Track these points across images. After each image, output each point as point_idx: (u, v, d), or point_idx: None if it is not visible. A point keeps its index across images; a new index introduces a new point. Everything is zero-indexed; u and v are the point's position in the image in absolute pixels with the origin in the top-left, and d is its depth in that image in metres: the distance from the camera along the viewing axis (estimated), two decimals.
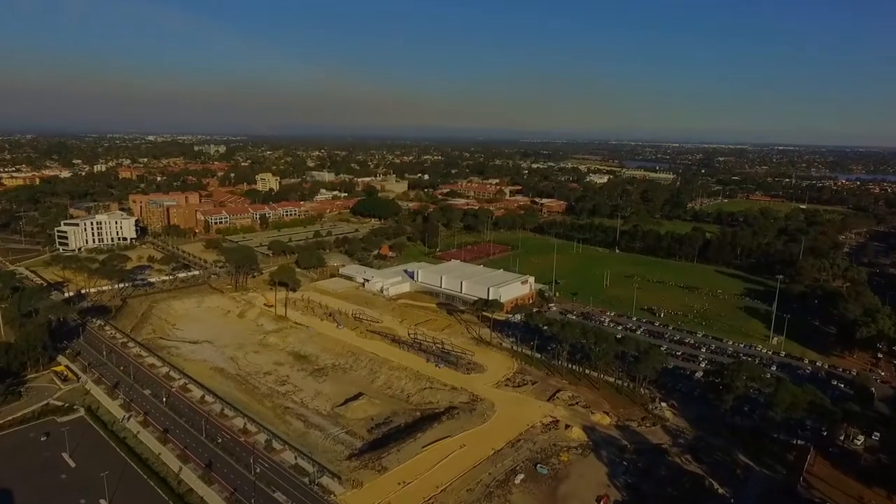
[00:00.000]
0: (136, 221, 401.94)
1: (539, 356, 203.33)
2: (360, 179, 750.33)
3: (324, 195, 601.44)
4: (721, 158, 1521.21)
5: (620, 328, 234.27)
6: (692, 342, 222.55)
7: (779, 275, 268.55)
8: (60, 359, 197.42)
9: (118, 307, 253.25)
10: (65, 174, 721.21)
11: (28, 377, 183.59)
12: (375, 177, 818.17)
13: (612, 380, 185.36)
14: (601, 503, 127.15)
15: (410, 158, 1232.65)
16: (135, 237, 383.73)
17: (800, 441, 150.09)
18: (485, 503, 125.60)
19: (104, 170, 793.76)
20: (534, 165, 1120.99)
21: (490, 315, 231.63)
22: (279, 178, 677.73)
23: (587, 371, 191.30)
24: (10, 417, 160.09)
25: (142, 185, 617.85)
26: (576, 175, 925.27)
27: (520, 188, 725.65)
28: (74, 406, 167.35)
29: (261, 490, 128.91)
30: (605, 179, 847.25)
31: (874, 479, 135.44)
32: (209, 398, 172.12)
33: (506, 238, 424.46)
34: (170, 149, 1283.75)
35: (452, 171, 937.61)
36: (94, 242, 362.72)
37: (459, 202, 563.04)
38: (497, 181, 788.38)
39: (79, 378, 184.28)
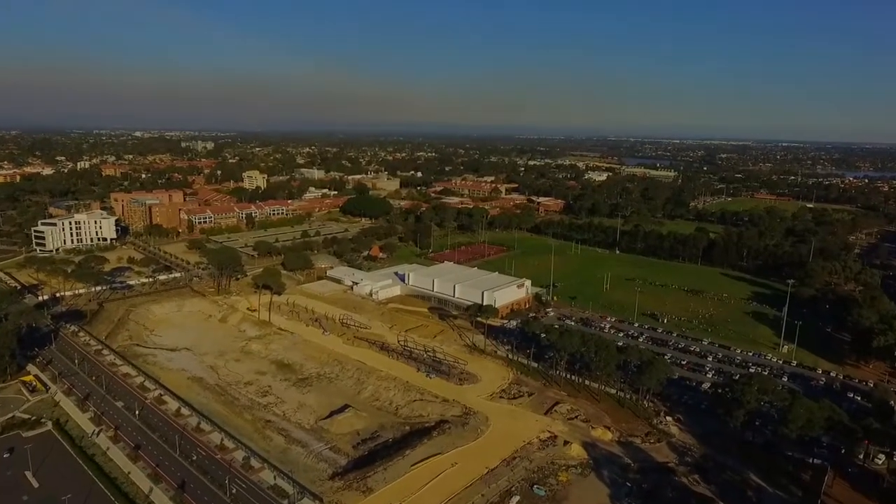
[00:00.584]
0: (117, 221, 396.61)
1: (536, 365, 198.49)
2: (351, 177, 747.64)
3: (313, 193, 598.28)
4: (723, 155, 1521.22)
5: (622, 335, 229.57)
6: (698, 350, 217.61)
7: (789, 278, 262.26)
8: (30, 367, 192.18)
9: (94, 312, 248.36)
10: (47, 171, 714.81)
11: None
12: (367, 174, 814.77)
13: (614, 391, 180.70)
14: None
15: (403, 155, 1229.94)
16: (115, 237, 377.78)
17: (816, 460, 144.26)
18: None
19: (87, 167, 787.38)
20: (530, 162, 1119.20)
21: (484, 321, 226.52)
22: (267, 176, 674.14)
23: (587, 382, 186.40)
24: None
25: (125, 183, 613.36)
26: (574, 172, 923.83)
27: (516, 186, 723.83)
28: (42, 419, 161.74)
29: None
30: (604, 177, 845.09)
31: None
32: (185, 411, 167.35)
33: (501, 238, 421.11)
34: (157, 145, 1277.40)
35: (446, 169, 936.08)
36: (73, 243, 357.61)
37: (453, 201, 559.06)
38: (492, 179, 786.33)
39: (48, 388, 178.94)
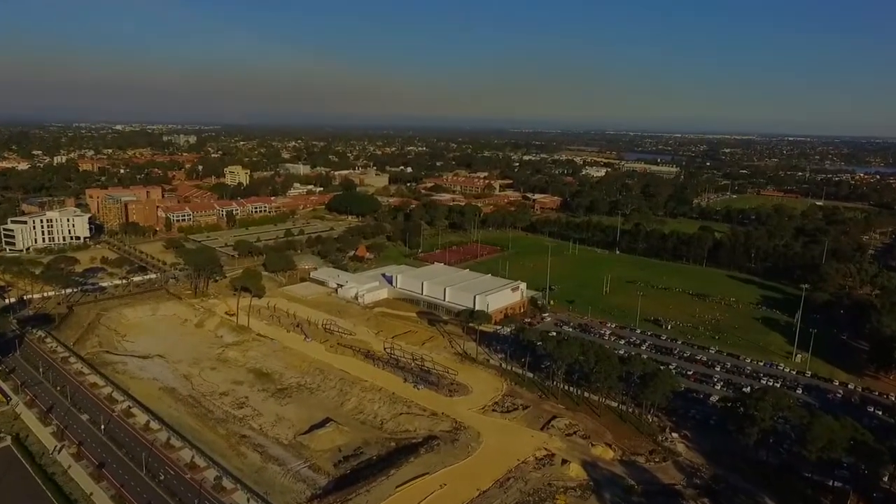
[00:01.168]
0: (91, 219, 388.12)
1: (531, 376, 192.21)
2: (338, 172, 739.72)
3: (297, 190, 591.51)
4: (727, 150, 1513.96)
5: (623, 342, 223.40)
6: (705, 359, 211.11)
7: (801, 282, 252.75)
8: None
9: (63, 316, 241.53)
10: (22, 166, 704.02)
11: None
12: (354, 170, 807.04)
13: (616, 404, 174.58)
14: None
15: (393, 150, 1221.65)
16: (89, 236, 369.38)
17: (837, 483, 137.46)
18: None
19: (64, 161, 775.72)
20: (525, 157, 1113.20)
21: (476, 327, 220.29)
22: (249, 172, 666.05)
23: (586, 394, 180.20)
24: None
25: (102, 179, 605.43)
26: (571, 168, 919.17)
27: (510, 182, 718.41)
28: (0, 434, 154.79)
29: None
30: (603, 173, 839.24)
31: None
32: (154, 425, 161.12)
33: (495, 238, 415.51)
34: (137, 139, 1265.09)
35: (437, 164, 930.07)
36: (45, 242, 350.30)
37: (444, 198, 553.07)
38: (486, 174, 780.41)
39: (9, 400, 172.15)
